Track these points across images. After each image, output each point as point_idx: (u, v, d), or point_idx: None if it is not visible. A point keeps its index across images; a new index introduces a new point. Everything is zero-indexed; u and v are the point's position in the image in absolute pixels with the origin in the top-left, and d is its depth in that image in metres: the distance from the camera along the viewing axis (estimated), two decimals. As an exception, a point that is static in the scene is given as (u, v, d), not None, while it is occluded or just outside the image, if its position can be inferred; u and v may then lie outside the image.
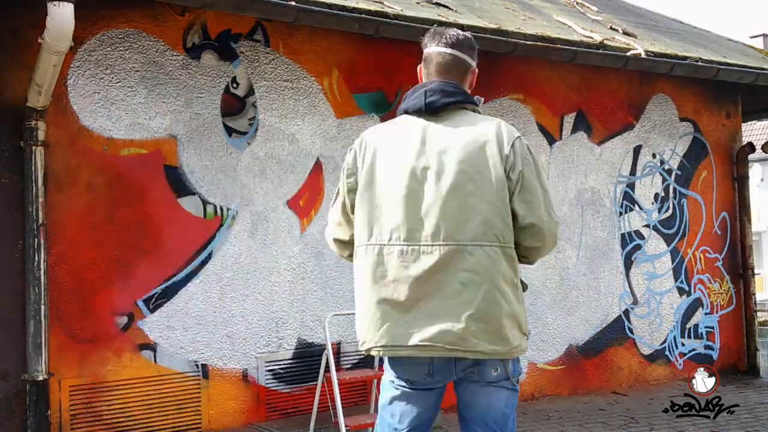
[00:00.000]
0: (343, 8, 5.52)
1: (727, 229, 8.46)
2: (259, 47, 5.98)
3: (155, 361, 5.50)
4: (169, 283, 5.56)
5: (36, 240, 5.02)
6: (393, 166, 2.69)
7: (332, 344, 5.63)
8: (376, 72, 6.47)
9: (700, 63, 7.39)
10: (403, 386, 2.76)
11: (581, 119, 7.56)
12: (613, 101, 7.78)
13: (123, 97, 5.45)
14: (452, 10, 6.44)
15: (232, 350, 5.77)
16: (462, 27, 6.01)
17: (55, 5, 4.30)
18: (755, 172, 29.70)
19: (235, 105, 5.89)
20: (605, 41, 6.93)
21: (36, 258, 5.01)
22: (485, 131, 2.69)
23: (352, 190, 2.78)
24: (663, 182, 8.06)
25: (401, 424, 2.76)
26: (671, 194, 8.09)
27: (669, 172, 8.10)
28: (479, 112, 2.80)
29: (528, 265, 2.81)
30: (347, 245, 2.88)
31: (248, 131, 5.93)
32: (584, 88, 7.57)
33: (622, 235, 7.76)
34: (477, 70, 2.87)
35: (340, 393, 5.30)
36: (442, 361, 2.66)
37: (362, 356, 6.18)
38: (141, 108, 5.51)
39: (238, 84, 5.89)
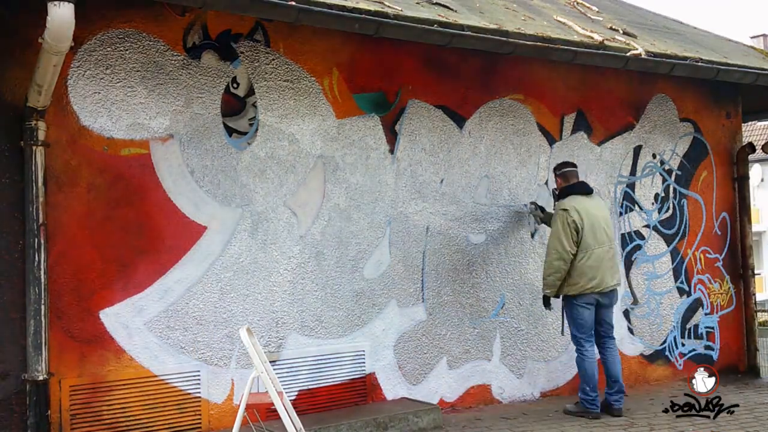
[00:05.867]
0: (343, 8, 5.52)
1: (728, 230, 8.46)
2: (259, 47, 5.97)
3: (155, 361, 5.50)
4: (169, 282, 5.56)
5: (36, 240, 5.02)
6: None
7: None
8: (376, 72, 6.47)
9: (700, 63, 7.38)
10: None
11: (581, 119, 7.56)
12: (613, 101, 7.77)
13: (123, 97, 5.45)
14: (452, 10, 6.43)
15: (232, 350, 5.77)
16: (462, 27, 6.02)
17: (55, 5, 4.31)
18: (755, 172, 29.71)
19: (235, 105, 5.88)
20: (605, 41, 6.93)
21: (36, 258, 5.01)
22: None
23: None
24: (663, 182, 8.06)
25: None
26: (671, 194, 8.10)
27: (669, 172, 8.10)
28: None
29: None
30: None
31: (248, 131, 5.92)
32: (584, 88, 7.57)
33: (623, 235, 7.76)
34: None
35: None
36: None
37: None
38: (141, 108, 5.50)
39: (238, 84, 5.89)
